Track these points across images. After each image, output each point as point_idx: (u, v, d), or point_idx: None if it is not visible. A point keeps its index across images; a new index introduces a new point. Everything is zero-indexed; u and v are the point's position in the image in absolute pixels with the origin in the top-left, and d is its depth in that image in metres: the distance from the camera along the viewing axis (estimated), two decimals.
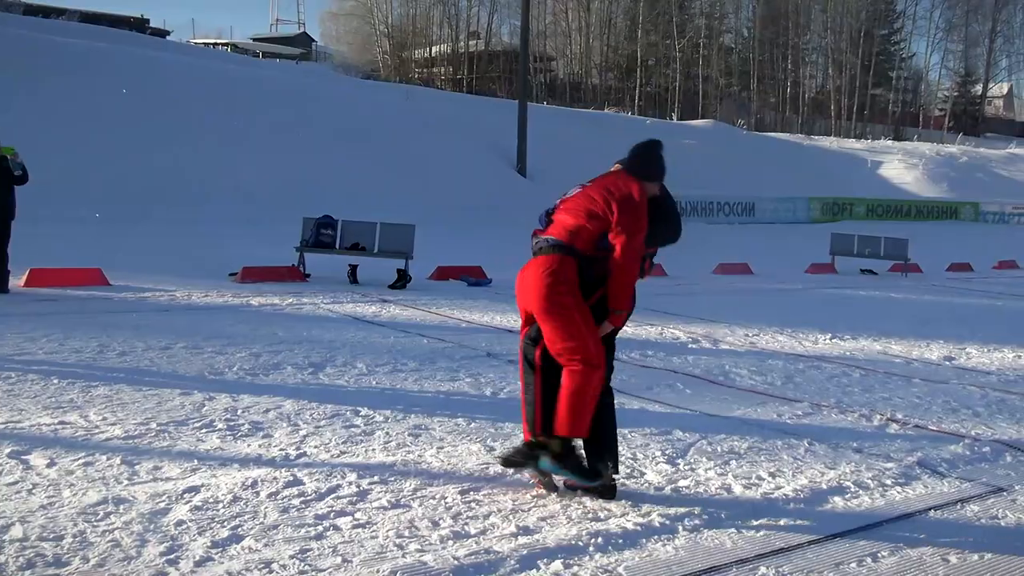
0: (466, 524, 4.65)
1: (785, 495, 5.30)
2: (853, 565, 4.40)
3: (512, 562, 4.22)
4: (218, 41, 71.07)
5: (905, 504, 5.24)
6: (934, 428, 6.96)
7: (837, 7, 72.24)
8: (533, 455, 4.99)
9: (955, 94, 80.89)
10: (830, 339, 10.93)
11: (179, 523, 4.47)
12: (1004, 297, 16.68)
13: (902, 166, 51.96)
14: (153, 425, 6.05)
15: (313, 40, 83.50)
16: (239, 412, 6.48)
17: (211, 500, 4.79)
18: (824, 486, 5.45)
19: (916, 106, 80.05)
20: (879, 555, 4.52)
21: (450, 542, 4.42)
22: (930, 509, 5.18)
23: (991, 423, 7.22)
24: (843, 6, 72.09)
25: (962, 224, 44.24)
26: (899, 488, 5.49)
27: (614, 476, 5.11)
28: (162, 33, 59.01)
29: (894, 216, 43.86)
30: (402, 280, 13.93)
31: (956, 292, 17.16)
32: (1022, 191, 51.64)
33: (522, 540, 4.47)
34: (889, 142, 61.46)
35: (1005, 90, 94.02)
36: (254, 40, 78.23)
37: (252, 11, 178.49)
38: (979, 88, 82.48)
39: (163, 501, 4.74)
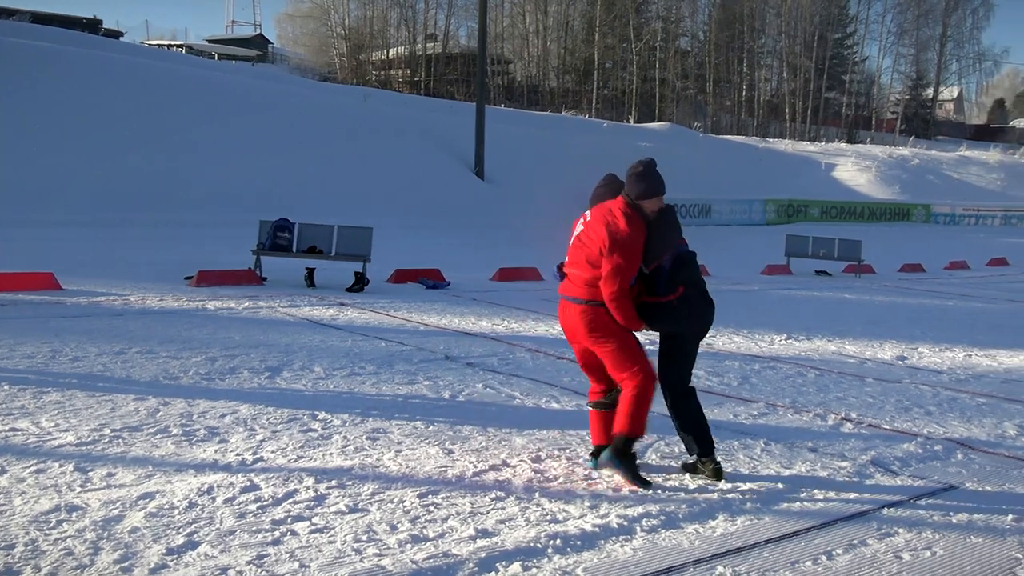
0: (424, 528, 4.65)
1: (741, 495, 5.34)
2: (808, 563, 4.45)
3: (471, 565, 4.22)
4: (172, 43, 70.48)
5: (859, 503, 5.31)
6: (887, 427, 7.06)
7: (791, 11, 73.01)
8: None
9: (907, 97, 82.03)
10: (785, 340, 11.04)
11: (133, 530, 4.42)
12: (955, 297, 16.94)
13: (855, 168, 52.65)
14: (107, 431, 5.98)
15: (269, 42, 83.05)
16: (195, 417, 6.42)
17: (166, 506, 4.74)
18: (780, 485, 5.51)
19: (869, 109, 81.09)
20: (834, 553, 4.57)
21: (408, 546, 4.41)
22: (883, 507, 5.25)
23: (942, 421, 7.33)
24: (797, 10, 72.86)
25: (914, 225, 44.90)
26: (853, 487, 5.55)
27: (717, 460, 5.66)
28: (115, 34, 58.36)
29: (848, 218, 44.41)
30: (360, 283, 13.87)
31: (908, 293, 17.40)
32: (972, 193, 52.58)
33: (481, 543, 4.47)
34: (842, 145, 62.29)
35: (955, 94, 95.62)
36: (209, 42, 77.65)
37: (207, 13, 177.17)
38: (930, 92, 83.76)
39: (117, 508, 4.68)
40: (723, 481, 5.52)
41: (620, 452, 5.40)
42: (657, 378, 5.55)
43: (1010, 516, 5.18)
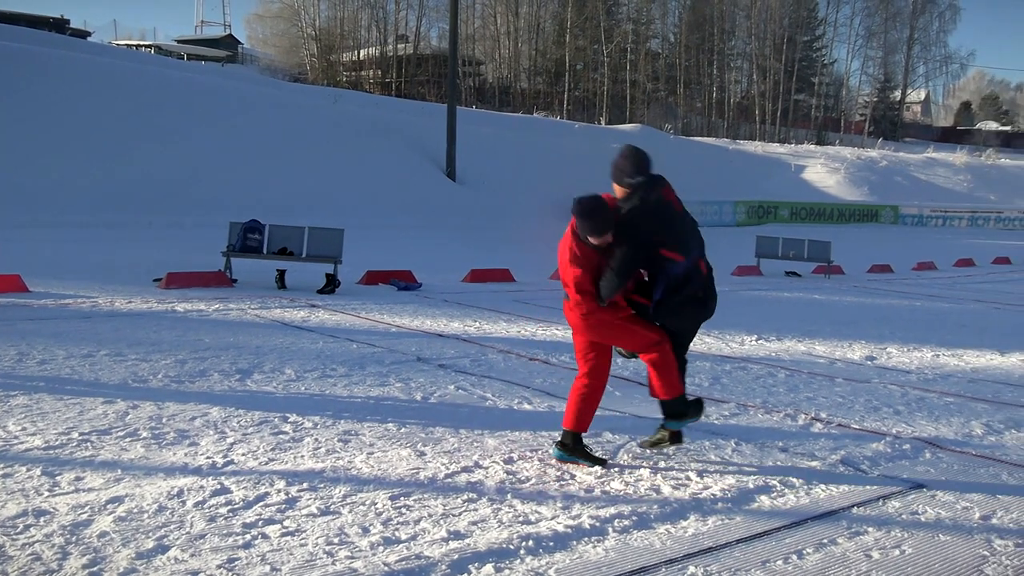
0: (396, 530, 4.63)
1: (713, 495, 5.37)
2: (779, 563, 4.47)
3: (443, 567, 4.21)
4: (141, 43, 69.93)
5: (829, 502, 5.34)
6: (856, 427, 7.11)
7: (760, 13, 73.54)
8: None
9: (875, 100, 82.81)
10: (756, 340, 11.10)
11: (102, 535, 4.38)
12: (922, 298, 17.10)
13: (824, 170, 53.10)
14: (75, 435, 5.92)
15: (239, 43, 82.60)
16: (164, 420, 6.37)
17: (135, 510, 4.70)
18: (751, 485, 5.54)
19: (837, 111, 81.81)
20: (804, 552, 4.60)
21: (380, 548, 4.39)
22: (853, 506, 5.29)
23: (911, 421, 7.39)
24: (766, 12, 73.41)
25: (882, 227, 45.35)
26: (823, 486, 5.59)
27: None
28: (83, 34, 57.85)
29: (817, 219, 44.77)
30: (331, 285, 13.82)
31: (877, 293, 17.55)
32: (940, 194, 53.17)
33: (453, 544, 4.47)
34: (812, 146, 62.79)
35: (923, 96, 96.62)
36: (179, 42, 77.12)
37: (176, 13, 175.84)
38: (898, 94, 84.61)
39: (85, 512, 4.64)
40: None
41: (680, 414, 5.87)
42: (667, 338, 5.80)
43: (977, 514, 5.24)
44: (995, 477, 5.98)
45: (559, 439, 5.93)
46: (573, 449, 5.83)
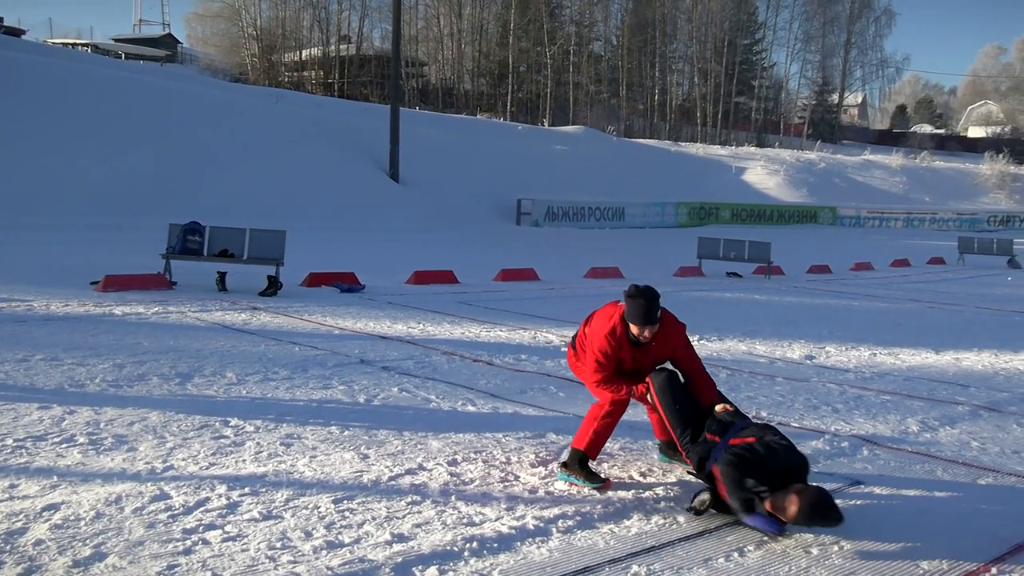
0: (340, 533, 4.61)
1: (655, 495, 5.42)
2: (721, 560, 4.53)
3: (387, 570, 4.20)
4: (78, 41, 68.59)
5: None
6: (796, 425, 7.21)
7: (702, 17, 74.22)
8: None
9: (813, 103, 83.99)
10: (698, 340, 11.19)
11: (38, 543, 4.30)
12: (860, 298, 17.39)
13: (764, 172, 53.82)
14: (9, 441, 5.80)
15: (179, 42, 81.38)
16: (102, 425, 6.26)
17: (72, 517, 4.62)
18: (693, 484, 5.58)
19: (777, 114, 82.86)
20: (745, 550, 4.66)
21: (323, 552, 4.37)
22: None
23: (849, 419, 7.52)
24: (707, 16, 74.10)
25: (821, 228, 46.08)
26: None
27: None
28: (16, 32, 56.56)
29: (757, 220, 45.37)
30: (273, 287, 13.69)
31: (816, 293, 17.81)
32: (876, 196, 54.17)
33: (397, 547, 4.45)
34: (752, 149, 63.53)
35: (860, 99, 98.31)
36: (116, 41, 75.76)
37: (113, 11, 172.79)
38: (835, 97, 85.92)
39: (20, 520, 4.55)
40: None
41: (569, 464, 5.65)
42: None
43: (913, 509, 5.34)
44: (930, 473, 6.11)
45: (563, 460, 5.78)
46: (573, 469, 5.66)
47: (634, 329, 5.51)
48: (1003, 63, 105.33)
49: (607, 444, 5.86)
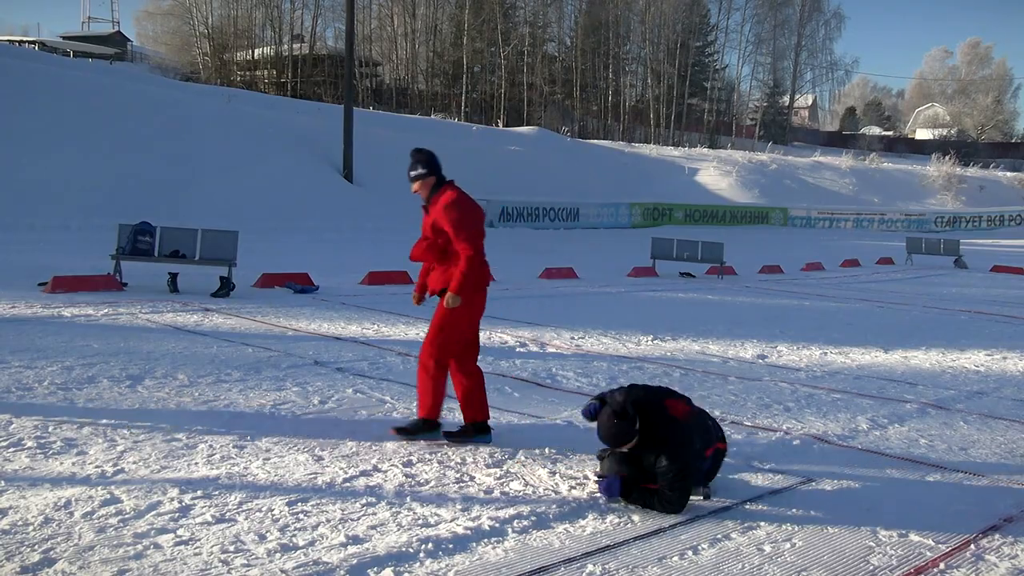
0: (294, 536, 4.58)
1: None
2: (675, 558, 4.56)
3: (342, 572, 4.18)
4: (24, 39, 67.41)
5: (723, 497, 5.46)
6: (749, 423, 7.29)
7: (655, 19, 74.71)
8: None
9: (764, 104, 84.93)
10: (652, 340, 11.27)
11: None
12: (811, 297, 17.59)
13: (717, 173, 54.31)
14: None
15: (128, 40, 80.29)
16: (50, 429, 6.16)
17: (20, 523, 4.54)
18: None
19: (729, 115, 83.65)
20: (699, 548, 4.70)
21: (277, 555, 4.33)
22: (746, 502, 5.42)
23: (801, 417, 7.61)
24: (660, 18, 74.62)
25: (772, 228, 46.59)
26: (716, 482, 5.69)
27: None
28: None
29: (710, 221, 45.76)
30: (225, 288, 13.56)
31: (768, 293, 17.99)
32: (827, 197, 54.88)
33: (352, 549, 4.43)
34: (705, 150, 64.11)
35: (810, 101, 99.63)
36: (64, 39, 74.59)
37: (61, 9, 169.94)
38: (786, 99, 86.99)
39: None
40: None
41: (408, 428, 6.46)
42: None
43: (863, 506, 5.42)
44: (880, 470, 6.20)
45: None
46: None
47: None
48: (949, 66, 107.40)
49: (563, 444, 5.89)
